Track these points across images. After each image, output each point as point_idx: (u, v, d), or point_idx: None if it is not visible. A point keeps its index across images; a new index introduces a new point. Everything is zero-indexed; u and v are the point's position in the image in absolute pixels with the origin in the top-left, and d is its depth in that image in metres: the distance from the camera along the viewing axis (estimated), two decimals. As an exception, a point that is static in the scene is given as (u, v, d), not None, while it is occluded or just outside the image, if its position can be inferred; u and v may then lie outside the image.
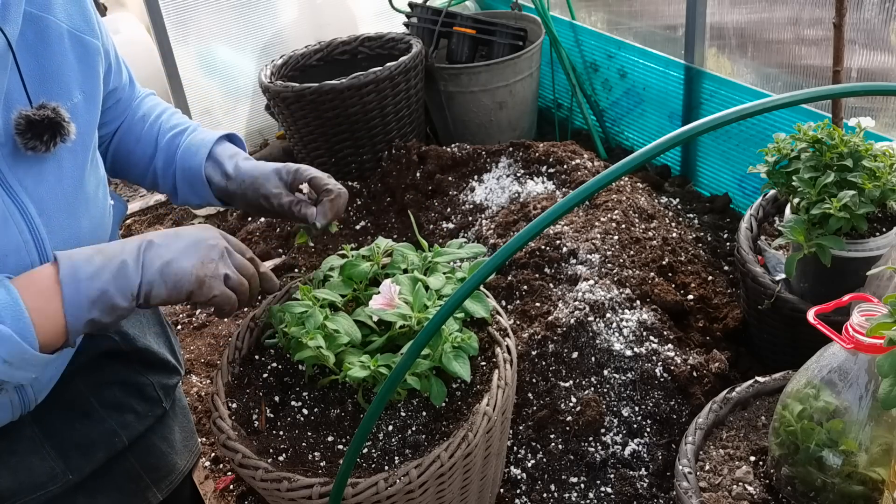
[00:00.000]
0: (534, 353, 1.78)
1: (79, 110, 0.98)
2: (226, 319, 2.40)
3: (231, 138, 1.26)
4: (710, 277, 2.14)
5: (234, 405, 1.21)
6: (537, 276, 1.98)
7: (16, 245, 0.90)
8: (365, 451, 1.14)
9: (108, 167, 1.27)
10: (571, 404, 1.71)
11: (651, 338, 1.81)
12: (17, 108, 0.89)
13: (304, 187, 1.21)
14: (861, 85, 0.68)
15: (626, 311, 1.85)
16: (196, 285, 0.94)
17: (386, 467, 1.11)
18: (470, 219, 2.37)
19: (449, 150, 2.62)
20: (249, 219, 2.90)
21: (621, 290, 1.89)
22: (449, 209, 2.45)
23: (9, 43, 0.86)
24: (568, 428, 1.69)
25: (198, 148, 1.20)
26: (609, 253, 2.00)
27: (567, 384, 1.74)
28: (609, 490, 1.63)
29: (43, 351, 0.85)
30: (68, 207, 0.97)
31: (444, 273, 1.28)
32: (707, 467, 1.29)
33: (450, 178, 2.54)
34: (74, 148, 0.97)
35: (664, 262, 2.07)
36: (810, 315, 1.16)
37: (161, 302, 0.94)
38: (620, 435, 1.69)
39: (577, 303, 1.84)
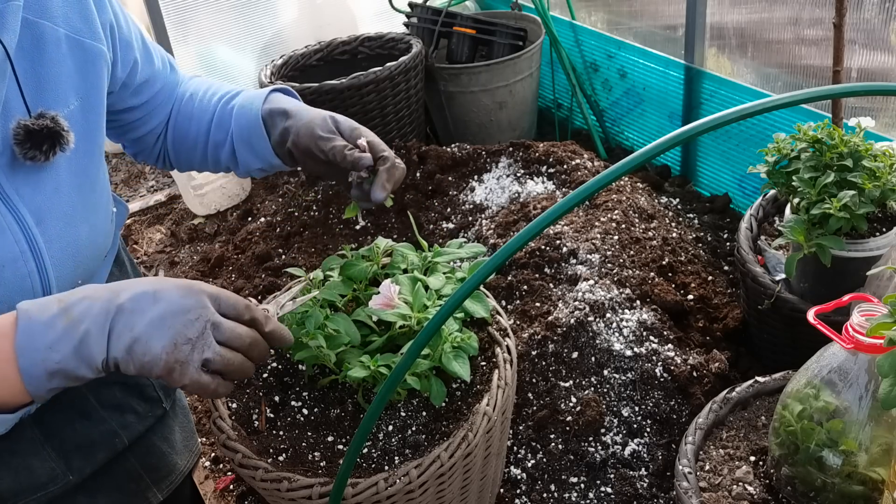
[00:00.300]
0: (534, 353, 1.78)
1: (75, 117, 0.96)
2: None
3: (283, 91, 1.20)
4: (710, 277, 2.14)
5: (234, 405, 1.21)
6: (537, 276, 1.98)
7: (12, 255, 0.89)
8: (365, 451, 1.14)
9: (174, 159, 1.24)
10: (571, 404, 1.71)
11: (651, 338, 1.81)
12: (16, 118, 0.88)
13: (362, 142, 1.11)
14: (861, 85, 0.68)
15: (626, 311, 1.85)
16: (164, 371, 0.81)
17: (386, 467, 1.11)
18: (470, 219, 2.37)
19: (449, 150, 2.62)
20: (249, 219, 2.90)
21: (621, 290, 1.89)
22: (449, 209, 2.45)
23: (7, 53, 0.84)
24: (568, 428, 1.69)
25: (252, 100, 1.15)
26: (609, 253, 2.00)
27: (567, 384, 1.74)
28: (609, 490, 1.63)
29: (4, 411, 0.79)
30: (66, 216, 0.96)
31: (444, 273, 1.28)
32: (707, 467, 1.29)
33: (450, 178, 2.54)
34: (72, 156, 0.95)
35: (664, 262, 2.07)
36: (810, 315, 1.16)
37: (134, 375, 0.83)
38: (620, 435, 1.69)
39: (577, 303, 1.84)
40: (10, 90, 0.88)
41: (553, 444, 1.69)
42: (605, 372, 1.75)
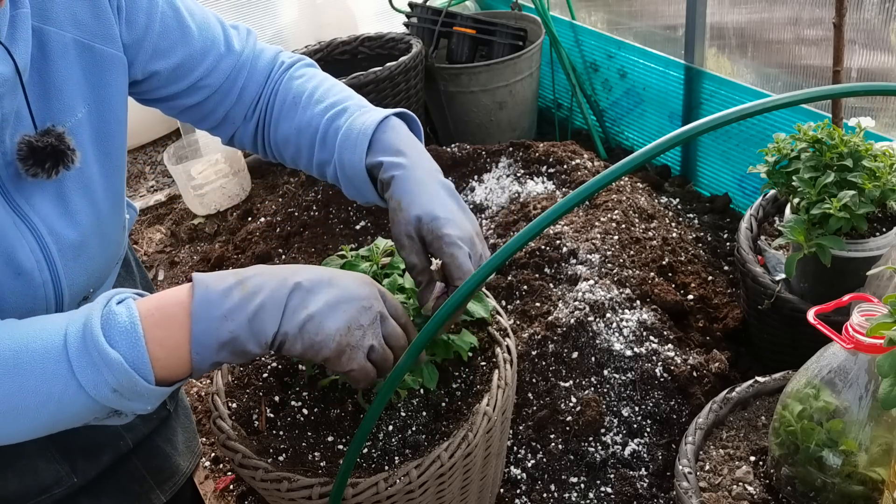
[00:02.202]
0: (534, 353, 1.78)
1: (83, 125, 0.92)
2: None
3: (403, 117, 1.06)
4: (710, 277, 2.14)
5: (234, 405, 1.21)
6: (537, 276, 1.98)
7: (29, 265, 0.88)
8: (365, 451, 1.14)
9: (278, 157, 1.14)
10: (571, 404, 1.71)
11: (651, 338, 1.81)
12: (21, 133, 0.85)
13: (435, 264, 1.00)
14: (861, 85, 0.68)
15: (626, 311, 1.86)
16: (335, 353, 0.82)
17: (386, 467, 1.11)
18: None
19: (449, 150, 2.62)
20: (249, 219, 2.90)
21: (621, 290, 1.89)
22: (449, 209, 2.45)
23: (17, 69, 0.81)
24: (568, 428, 1.69)
25: (355, 140, 1.01)
26: (609, 253, 2.00)
27: (567, 384, 1.74)
28: (609, 490, 1.63)
29: (160, 383, 0.77)
30: (80, 227, 0.93)
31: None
32: (707, 467, 1.29)
33: (450, 178, 2.54)
34: (83, 166, 0.92)
35: (664, 262, 2.07)
36: (810, 315, 1.16)
37: (293, 356, 0.83)
38: (620, 435, 1.69)
39: (577, 303, 1.85)
40: (19, 104, 0.85)
41: (553, 444, 1.69)
42: (605, 372, 1.75)
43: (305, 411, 1.23)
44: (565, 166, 2.41)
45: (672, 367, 1.76)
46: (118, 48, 0.95)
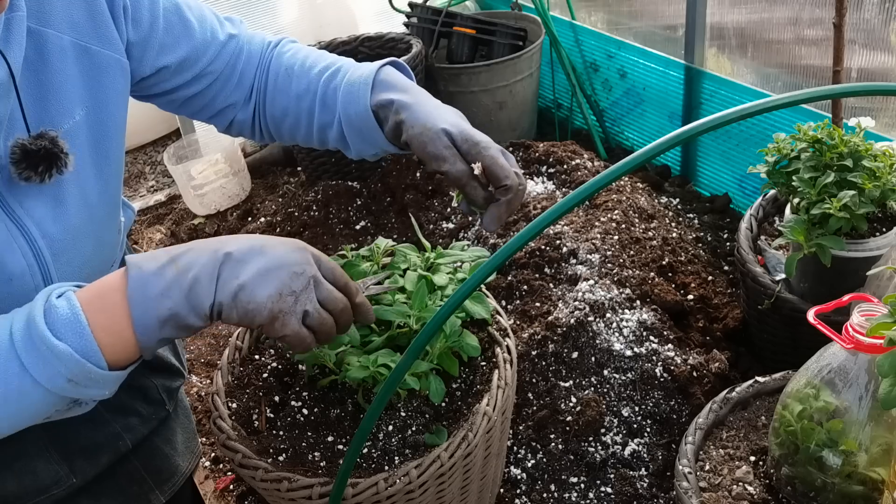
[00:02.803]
0: (534, 353, 1.78)
1: (81, 128, 0.92)
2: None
3: (395, 66, 1.08)
4: (710, 277, 2.14)
5: (234, 405, 1.21)
6: (537, 276, 1.98)
7: (20, 269, 0.88)
8: (365, 451, 1.14)
9: (276, 135, 1.16)
10: (571, 404, 1.71)
11: (651, 338, 1.81)
12: (15, 136, 0.85)
13: (477, 167, 0.99)
14: (861, 85, 0.68)
15: (626, 311, 1.85)
16: (268, 320, 0.83)
17: (386, 467, 1.11)
18: (470, 219, 2.37)
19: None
20: (249, 219, 2.90)
21: (621, 290, 1.89)
22: (449, 209, 2.45)
23: (11, 72, 0.81)
24: (568, 428, 1.69)
25: (358, 86, 1.03)
26: (609, 253, 2.00)
27: (567, 384, 1.74)
28: (609, 490, 1.63)
29: (114, 368, 0.79)
30: (73, 231, 0.93)
31: (447, 273, 1.28)
32: (707, 467, 1.29)
33: (450, 178, 2.54)
34: (79, 169, 0.92)
35: (664, 262, 2.07)
36: (810, 315, 1.16)
37: (233, 324, 0.84)
38: (620, 435, 1.69)
39: (577, 303, 1.85)
40: (13, 108, 0.85)
41: (553, 444, 1.69)
42: (605, 372, 1.75)
43: (305, 411, 1.23)
44: (565, 166, 2.41)
45: (672, 367, 1.76)
46: (117, 50, 0.95)
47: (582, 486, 1.65)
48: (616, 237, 2.06)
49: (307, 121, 1.11)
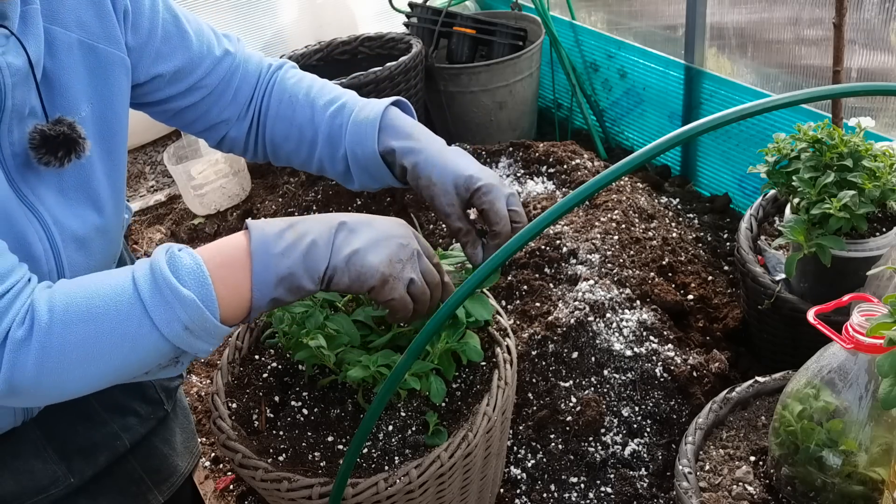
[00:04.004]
0: (534, 353, 1.78)
1: (86, 123, 0.94)
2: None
3: (398, 105, 1.14)
4: (710, 277, 2.14)
5: (234, 405, 1.21)
6: (537, 276, 1.98)
7: (38, 253, 0.89)
8: (365, 451, 1.14)
9: (271, 157, 1.20)
10: (571, 404, 1.71)
11: (651, 338, 1.81)
12: (34, 122, 0.87)
13: (473, 213, 1.09)
14: (861, 85, 0.68)
15: (626, 311, 1.85)
16: (379, 282, 0.90)
17: (386, 467, 1.11)
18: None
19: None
20: (249, 219, 2.90)
21: (621, 290, 1.89)
22: (449, 209, 2.45)
23: (29, 59, 0.84)
24: (568, 428, 1.69)
25: (364, 130, 1.08)
26: (609, 253, 2.00)
27: (567, 384, 1.74)
28: (609, 490, 1.63)
29: (224, 322, 0.83)
30: (80, 222, 0.95)
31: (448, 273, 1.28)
32: (707, 467, 1.29)
33: (450, 178, 2.54)
34: (85, 163, 0.94)
35: (664, 262, 2.07)
36: (810, 315, 1.16)
37: (340, 290, 0.90)
38: (620, 435, 1.69)
39: (577, 303, 1.84)
40: (32, 97, 0.87)
41: (553, 444, 1.69)
42: (605, 372, 1.75)
43: (305, 411, 1.23)
44: (565, 166, 2.41)
45: (672, 367, 1.76)
46: (121, 50, 0.98)
47: (582, 486, 1.65)
48: (616, 237, 2.06)
49: (308, 151, 1.16)
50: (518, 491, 1.66)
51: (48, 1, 0.90)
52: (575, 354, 1.77)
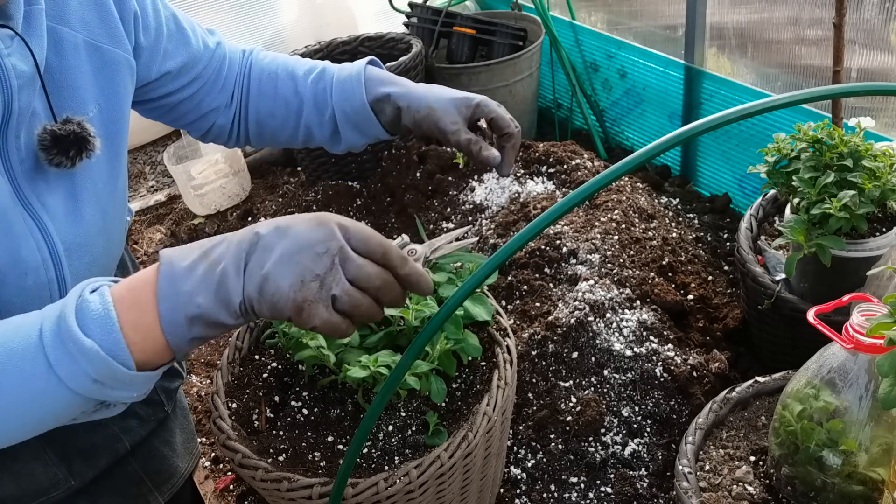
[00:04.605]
0: (534, 353, 1.78)
1: (93, 125, 0.93)
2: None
3: (372, 63, 1.19)
4: (710, 277, 2.14)
5: (234, 405, 1.21)
6: (537, 276, 1.98)
7: (35, 263, 0.88)
8: (365, 451, 1.14)
9: (254, 138, 1.22)
10: (571, 404, 1.71)
11: (651, 338, 1.81)
12: (42, 124, 0.86)
13: (482, 123, 1.13)
14: (861, 85, 0.68)
15: (626, 311, 1.85)
16: (294, 312, 0.75)
17: (386, 467, 1.11)
18: (470, 219, 2.37)
19: (449, 150, 2.62)
20: (249, 219, 2.90)
21: (621, 290, 1.89)
22: (449, 209, 2.45)
23: (35, 60, 0.84)
24: (568, 428, 1.69)
25: (351, 86, 1.13)
26: (609, 253, 2.00)
27: (567, 384, 1.74)
28: (609, 490, 1.63)
29: (143, 368, 0.75)
30: (86, 227, 0.95)
31: (448, 272, 1.28)
32: (707, 467, 1.29)
33: (450, 178, 2.54)
34: (94, 166, 0.94)
35: (664, 262, 2.07)
36: (810, 315, 1.16)
37: (267, 319, 0.80)
38: (620, 435, 1.69)
39: (577, 303, 1.84)
40: (36, 99, 0.87)
41: (553, 444, 1.69)
42: (605, 372, 1.75)
43: (305, 411, 1.23)
44: (565, 166, 2.41)
45: (672, 367, 1.76)
46: (126, 50, 0.99)
47: (582, 486, 1.65)
48: (616, 237, 2.06)
49: (295, 121, 1.17)
50: (518, 491, 1.66)
51: (54, 1, 0.90)
52: (575, 354, 1.77)
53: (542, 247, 2.03)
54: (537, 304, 1.90)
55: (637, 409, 1.72)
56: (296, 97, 1.16)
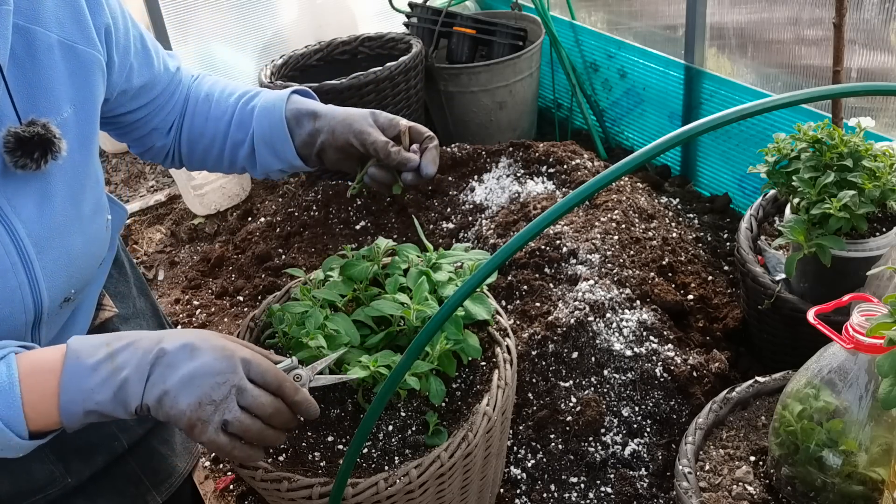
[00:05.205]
0: (534, 353, 1.78)
1: (68, 125, 0.94)
2: (226, 319, 2.40)
3: (300, 93, 1.22)
4: (710, 277, 2.14)
5: (234, 405, 1.21)
6: (537, 276, 1.98)
7: (3, 268, 0.88)
8: (365, 451, 1.14)
9: (186, 159, 1.24)
10: (571, 404, 1.71)
11: (651, 338, 1.81)
12: (6, 126, 0.86)
13: (403, 127, 1.16)
14: (861, 85, 0.68)
15: (626, 311, 1.85)
16: (186, 427, 0.84)
17: (386, 467, 1.11)
18: (470, 219, 2.37)
19: (449, 150, 2.62)
20: (249, 219, 2.90)
21: (621, 290, 1.89)
22: (449, 209, 2.45)
23: None
24: (568, 428, 1.69)
25: (274, 102, 1.16)
26: (609, 253, 2.00)
27: (567, 384, 1.74)
28: (609, 490, 1.63)
29: (33, 437, 0.82)
30: (59, 227, 0.94)
31: (448, 272, 1.28)
32: (707, 467, 1.29)
33: (450, 178, 2.54)
34: (66, 166, 0.93)
35: (664, 262, 2.07)
36: (810, 315, 1.16)
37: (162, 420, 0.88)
38: (620, 435, 1.69)
39: (577, 303, 1.84)
40: (1, 100, 0.86)
41: (553, 444, 1.69)
42: (605, 372, 1.75)
43: (305, 411, 1.22)
44: (565, 166, 2.41)
45: (672, 367, 1.76)
46: (99, 52, 0.99)
47: (582, 486, 1.65)
48: (616, 237, 2.06)
49: (221, 141, 1.20)
50: (518, 491, 1.66)
51: (28, 1, 0.89)
52: (575, 354, 1.77)
53: (543, 247, 2.03)
54: (537, 304, 1.90)
55: (637, 409, 1.72)
56: (224, 116, 1.19)
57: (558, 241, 2.04)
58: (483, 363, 1.23)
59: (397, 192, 1.22)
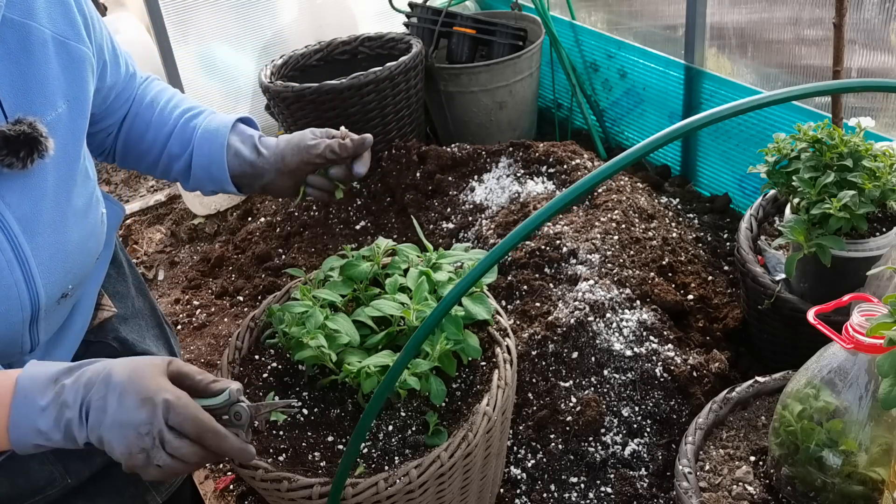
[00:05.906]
0: (534, 353, 1.78)
1: (62, 120, 0.94)
2: (226, 319, 2.40)
3: (245, 121, 1.27)
4: (710, 277, 2.14)
5: (234, 405, 1.21)
6: (537, 276, 1.98)
7: None
8: (365, 451, 1.14)
9: (119, 157, 1.26)
10: (571, 404, 1.71)
11: (651, 338, 1.81)
12: None
13: (343, 132, 1.25)
14: (857, 81, 0.68)
15: (626, 311, 1.85)
16: (129, 470, 0.88)
17: (386, 467, 1.11)
18: (470, 219, 2.37)
19: (449, 150, 2.62)
20: (249, 219, 2.90)
21: (621, 290, 1.89)
22: (449, 209, 2.45)
23: None
24: (568, 428, 1.69)
25: (216, 130, 1.20)
26: (609, 253, 2.00)
27: (567, 384, 1.74)
28: (609, 490, 1.63)
29: None
30: (54, 222, 0.94)
31: (448, 272, 1.28)
32: (707, 467, 1.29)
33: (450, 178, 2.54)
34: (58, 161, 0.94)
35: (664, 262, 2.07)
36: (810, 315, 1.16)
37: None
38: (620, 435, 1.69)
39: (577, 303, 1.84)
40: None
41: (553, 444, 1.69)
42: (605, 372, 1.75)
43: (305, 411, 1.23)
44: (565, 166, 2.40)
45: (672, 367, 1.76)
46: (87, 47, 1.00)
47: (582, 486, 1.64)
48: (616, 237, 2.06)
49: (158, 150, 1.23)
50: (518, 491, 1.66)
51: None
52: (575, 354, 1.77)
53: (542, 247, 2.03)
54: (537, 304, 1.90)
55: (637, 409, 1.72)
56: (165, 128, 1.22)
57: (558, 241, 2.04)
58: (483, 363, 1.23)
59: (340, 197, 1.28)
